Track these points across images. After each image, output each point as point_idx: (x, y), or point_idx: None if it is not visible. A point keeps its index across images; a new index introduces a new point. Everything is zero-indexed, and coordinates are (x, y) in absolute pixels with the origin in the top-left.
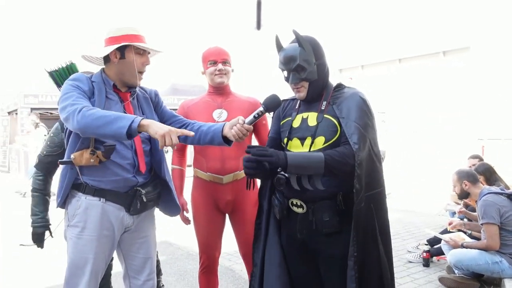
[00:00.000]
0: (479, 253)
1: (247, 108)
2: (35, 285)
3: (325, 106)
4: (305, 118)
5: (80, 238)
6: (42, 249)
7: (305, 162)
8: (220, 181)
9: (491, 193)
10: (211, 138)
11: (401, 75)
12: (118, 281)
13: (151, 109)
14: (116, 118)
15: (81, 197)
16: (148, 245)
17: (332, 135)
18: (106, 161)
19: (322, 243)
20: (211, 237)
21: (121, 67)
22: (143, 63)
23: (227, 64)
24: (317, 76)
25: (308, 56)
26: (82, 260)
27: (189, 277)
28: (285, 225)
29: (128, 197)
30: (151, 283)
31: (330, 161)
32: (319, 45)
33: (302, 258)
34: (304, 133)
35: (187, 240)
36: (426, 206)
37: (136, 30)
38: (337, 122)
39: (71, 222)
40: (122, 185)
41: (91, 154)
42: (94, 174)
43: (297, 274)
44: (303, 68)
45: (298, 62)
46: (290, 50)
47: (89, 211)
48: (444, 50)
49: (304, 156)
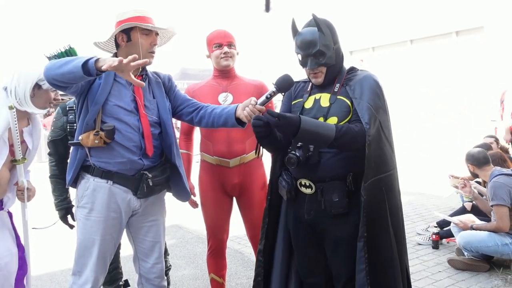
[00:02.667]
0: (488, 235)
1: (253, 91)
2: (48, 266)
3: (338, 88)
4: (318, 99)
5: (88, 219)
6: (72, 229)
7: (316, 128)
8: (227, 164)
9: (502, 174)
10: (224, 120)
11: (413, 56)
12: (130, 263)
13: (163, 93)
14: (75, 58)
15: (90, 179)
16: (157, 229)
17: (345, 116)
18: (113, 143)
19: (329, 224)
20: (219, 221)
21: (129, 49)
22: (150, 43)
23: (232, 47)
24: (335, 61)
25: (327, 40)
26: (89, 241)
27: (199, 260)
28: (292, 206)
29: (135, 181)
30: (160, 266)
31: (341, 134)
32: (335, 30)
33: (308, 240)
34: (316, 114)
35: (196, 224)
36: (436, 188)
37: (141, 11)
38: (350, 103)
39: (80, 203)
40: (129, 167)
41: (95, 135)
42: (101, 156)
43: (303, 257)
44: (323, 53)
45: (318, 47)
46: (308, 34)
47: (97, 193)
48: (457, 30)
49: (316, 122)
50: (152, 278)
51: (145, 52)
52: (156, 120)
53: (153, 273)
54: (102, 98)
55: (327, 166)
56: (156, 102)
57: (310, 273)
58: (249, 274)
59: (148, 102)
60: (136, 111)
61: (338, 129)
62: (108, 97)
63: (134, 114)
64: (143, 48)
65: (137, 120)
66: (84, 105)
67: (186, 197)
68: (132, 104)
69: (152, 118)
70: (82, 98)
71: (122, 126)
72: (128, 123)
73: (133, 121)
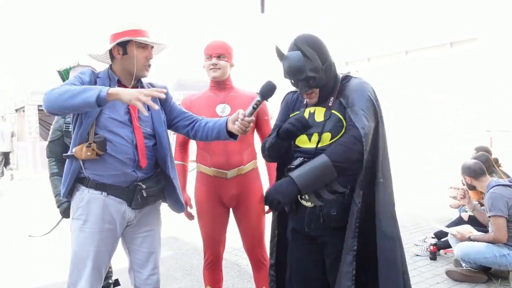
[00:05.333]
0: (486, 246)
1: (249, 102)
2: (43, 277)
3: (333, 102)
4: (312, 112)
5: (82, 230)
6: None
7: (314, 176)
8: (224, 176)
9: (499, 185)
10: (217, 134)
11: (408, 67)
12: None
13: (159, 105)
14: (83, 89)
15: (84, 191)
16: (152, 240)
17: (339, 131)
18: (106, 156)
19: (329, 236)
20: (215, 232)
21: (124, 62)
22: (146, 57)
23: (222, 59)
24: (326, 79)
25: (314, 64)
26: (84, 253)
27: (195, 271)
28: (292, 218)
29: (129, 192)
30: (155, 278)
31: (337, 159)
32: (322, 45)
33: (308, 250)
34: (311, 129)
35: (193, 235)
36: (433, 199)
37: (137, 25)
38: (342, 117)
39: (74, 215)
40: (123, 179)
41: (87, 147)
42: (95, 168)
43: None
44: (312, 78)
45: (305, 74)
46: (294, 60)
47: (91, 204)
48: (451, 41)
49: (310, 170)
50: None
51: (140, 65)
52: (150, 132)
53: (148, 285)
54: (96, 111)
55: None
56: (151, 114)
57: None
58: (246, 286)
59: (142, 114)
60: (130, 123)
61: (328, 154)
62: (103, 109)
63: (128, 126)
64: (138, 62)
65: (130, 132)
66: (79, 117)
67: (180, 209)
68: (126, 116)
69: (146, 130)
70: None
71: (115, 138)
72: (122, 135)
73: (126, 133)
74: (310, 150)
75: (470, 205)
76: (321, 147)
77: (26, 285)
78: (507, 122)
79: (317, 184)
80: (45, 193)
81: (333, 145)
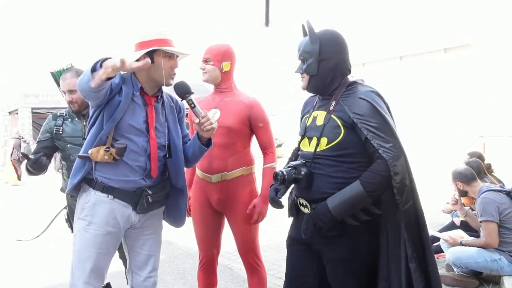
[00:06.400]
0: (478, 251)
1: (240, 109)
2: (43, 277)
3: (334, 106)
4: (315, 116)
5: (86, 231)
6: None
7: (347, 200)
8: (209, 180)
9: (490, 190)
10: (193, 146)
11: (402, 73)
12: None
13: (175, 118)
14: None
15: (91, 192)
16: (152, 243)
17: (336, 136)
18: (119, 161)
19: (324, 245)
20: (208, 234)
21: (151, 71)
22: (171, 66)
23: (208, 63)
24: (316, 71)
25: (311, 48)
26: (86, 253)
27: (188, 276)
28: (292, 226)
29: (135, 196)
30: (152, 281)
31: (371, 189)
32: (333, 42)
33: (303, 257)
34: (312, 133)
35: (186, 239)
36: (425, 204)
37: (163, 34)
38: (341, 124)
39: (79, 215)
40: (131, 186)
41: (105, 151)
42: (105, 171)
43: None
44: (303, 60)
45: (300, 51)
46: (303, 39)
47: (97, 206)
48: (445, 47)
49: (342, 195)
50: None
51: (167, 74)
52: (164, 143)
53: (145, 287)
54: (119, 115)
55: (319, 188)
56: (168, 126)
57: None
58: None
59: (159, 124)
60: (146, 132)
61: (363, 183)
62: (124, 115)
63: (144, 135)
64: (165, 71)
65: (145, 141)
66: (99, 118)
67: (181, 222)
68: (144, 125)
69: (161, 140)
70: (98, 111)
71: (130, 145)
72: (137, 143)
73: (141, 142)
74: (308, 154)
75: (462, 211)
76: (319, 152)
77: (27, 285)
78: (500, 127)
79: (351, 208)
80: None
81: (368, 173)
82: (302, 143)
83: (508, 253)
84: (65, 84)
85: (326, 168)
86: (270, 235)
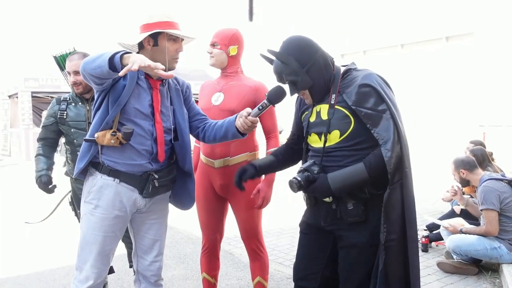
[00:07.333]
0: (477, 239)
1: (245, 92)
2: (36, 265)
3: (335, 98)
4: (318, 111)
5: (93, 214)
6: (51, 193)
7: (348, 179)
8: (212, 165)
9: (491, 179)
10: (225, 130)
11: (403, 61)
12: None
13: (181, 101)
14: (103, 53)
15: (97, 176)
16: (158, 227)
17: (347, 127)
18: (125, 145)
19: (345, 230)
20: (211, 219)
21: (154, 54)
22: (176, 50)
23: (215, 47)
24: (311, 81)
25: (291, 67)
26: (92, 237)
27: (189, 260)
28: (308, 212)
29: (142, 180)
30: (158, 265)
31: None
32: (304, 47)
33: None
34: (319, 128)
35: (186, 224)
36: (425, 192)
37: (169, 17)
38: (349, 112)
39: (86, 199)
40: (137, 169)
41: (112, 135)
42: (112, 155)
43: (303, 257)
44: (293, 82)
45: (285, 79)
46: (276, 66)
47: (103, 190)
48: (447, 35)
49: (343, 173)
50: (149, 275)
51: (170, 58)
52: (170, 126)
53: (150, 271)
54: (125, 100)
55: None
56: (173, 109)
57: (304, 277)
58: (239, 275)
59: (164, 108)
60: (151, 116)
61: (367, 166)
62: (129, 99)
63: (149, 119)
64: (169, 54)
65: (151, 125)
66: (104, 102)
67: (190, 204)
68: (149, 108)
69: (166, 124)
70: (103, 95)
71: (136, 129)
72: (143, 127)
73: (147, 126)
74: (319, 149)
75: (462, 201)
76: (333, 145)
77: (33, 267)
78: (500, 117)
79: (350, 187)
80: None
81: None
82: (311, 139)
83: (507, 241)
84: (72, 65)
85: (344, 159)
86: (270, 221)
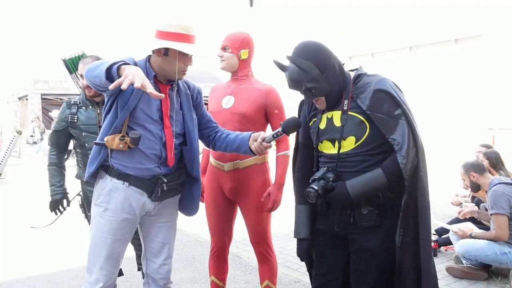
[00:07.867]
0: (487, 244)
1: (255, 96)
2: (46, 267)
3: (348, 105)
4: (330, 118)
5: (102, 217)
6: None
7: (367, 186)
8: (222, 168)
9: (501, 183)
10: (238, 146)
11: (412, 63)
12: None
13: (190, 106)
14: (104, 62)
15: (107, 179)
16: (167, 230)
17: (362, 133)
18: (135, 149)
19: (359, 234)
20: (220, 222)
21: (163, 63)
22: (185, 63)
23: (226, 50)
24: (329, 87)
25: (312, 74)
26: (101, 239)
27: (197, 263)
28: (321, 218)
29: (151, 184)
30: (167, 268)
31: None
32: (319, 52)
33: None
34: (332, 135)
35: (195, 227)
36: (434, 196)
37: (186, 29)
38: (364, 118)
39: (96, 202)
40: (146, 173)
41: (120, 139)
42: (121, 159)
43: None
44: (312, 88)
45: (304, 86)
46: (293, 74)
47: (113, 193)
48: (455, 38)
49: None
50: (158, 278)
51: (178, 70)
52: (179, 131)
53: (159, 274)
54: (133, 104)
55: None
56: (182, 114)
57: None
58: (247, 278)
59: (173, 112)
60: (160, 120)
61: (386, 172)
62: (138, 103)
63: (158, 123)
64: (178, 68)
65: (160, 130)
66: (113, 106)
67: (194, 210)
68: (158, 113)
69: (176, 129)
70: (112, 99)
71: (145, 133)
72: (152, 132)
73: (156, 130)
74: (333, 155)
75: (474, 214)
76: (348, 151)
77: (43, 270)
78: (510, 120)
79: (370, 193)
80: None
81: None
82: (322, 146)
83: None
84: (84, 68)
85: (358, 164)
86: (278, 224)
